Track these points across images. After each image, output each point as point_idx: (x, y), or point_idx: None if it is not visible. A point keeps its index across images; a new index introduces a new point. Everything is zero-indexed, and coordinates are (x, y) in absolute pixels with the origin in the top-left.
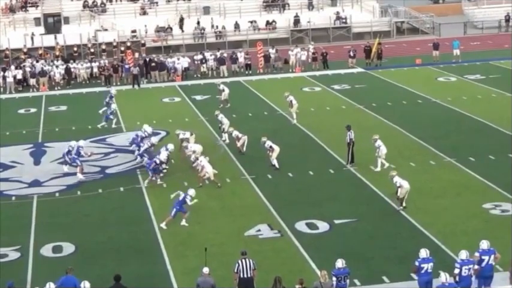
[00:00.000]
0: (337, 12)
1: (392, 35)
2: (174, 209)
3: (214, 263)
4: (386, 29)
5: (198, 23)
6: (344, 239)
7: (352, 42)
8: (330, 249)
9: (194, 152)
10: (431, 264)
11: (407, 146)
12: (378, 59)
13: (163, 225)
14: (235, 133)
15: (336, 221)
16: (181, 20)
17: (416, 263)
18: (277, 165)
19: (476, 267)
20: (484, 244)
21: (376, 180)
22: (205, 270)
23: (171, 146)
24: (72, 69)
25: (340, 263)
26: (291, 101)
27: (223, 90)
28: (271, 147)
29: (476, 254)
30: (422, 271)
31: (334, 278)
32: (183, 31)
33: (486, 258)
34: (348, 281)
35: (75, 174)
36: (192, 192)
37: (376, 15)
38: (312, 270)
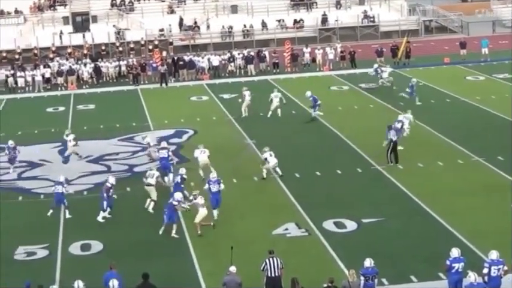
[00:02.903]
0: (365, 11)
1: (420, 33)
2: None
3: (242, 261)
4: (415, 27)
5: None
6: (372, 238)
7: (380, 41)
8: (357, 248)
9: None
10: (462, 264)
11: (435, 145)
12: (406, 58)
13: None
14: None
15: (364, 220)
16: (181, 20)
17: (448, 262)
18: (264, 176)
19: (506, 268)
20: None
21: (403, 179)
22: (233, 269)
23: (182, 170)
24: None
25: (368, 262)
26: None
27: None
28: (266, 159)
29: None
30: (453, 270)
31: (362, 278)
32: (181, 31)
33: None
34: (376, 280)
35: (102, 172)
36: (179, 196)
37: (404, 14)
38: (340, 270)
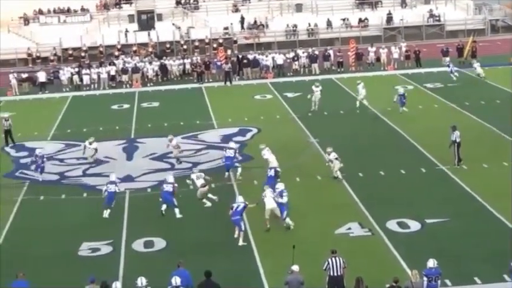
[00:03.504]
0: (431, 10)
1: (486, 33)
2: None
3: (304, 260)
4: (481, 27)
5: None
6: (435, 238)
7: (446, 40)
8: (421, 248)
9: None
10: None
11: (500, 145)
12: (471, 58)
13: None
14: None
15: (428, 221)
16: (242, 19)
17: None
18: (340, 176)
19: None
20: None
21: (468, 180)
22: (295, 267)
23: (274, 163)
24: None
25: (431, 263)
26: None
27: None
28: (337, 158)
29: None
30: None
31: (425, 278)
32: (242, 29)
33: None
34: (439, 281)
35: (166, 170)
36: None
37: (470, 13)
38: (403, 270)
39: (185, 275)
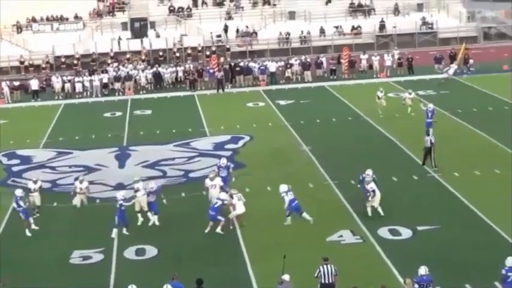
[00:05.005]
0: (423, 18)
1: (479, 40)
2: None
3: (295, 268)
4: (473, 34)
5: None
6: (427, 246)
7: (438, 47)
8: (412, 256)
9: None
10: None
11: (493, 153)
12: (464, 65)
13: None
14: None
15: (419, 228)
16: (226, 26)
17: (503, 272)
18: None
19: None
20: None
21: (460, 188)
22: (286, 277)
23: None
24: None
25: (423, 270)
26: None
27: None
28: (374, 191)
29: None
30: (509, 280)
31: (416, 286)
32: (227, 37)
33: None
34: None
35: (158, 178)
36: (224, 196)
37: (462, 21)
38: (394, 277)
39: (174, 285)
